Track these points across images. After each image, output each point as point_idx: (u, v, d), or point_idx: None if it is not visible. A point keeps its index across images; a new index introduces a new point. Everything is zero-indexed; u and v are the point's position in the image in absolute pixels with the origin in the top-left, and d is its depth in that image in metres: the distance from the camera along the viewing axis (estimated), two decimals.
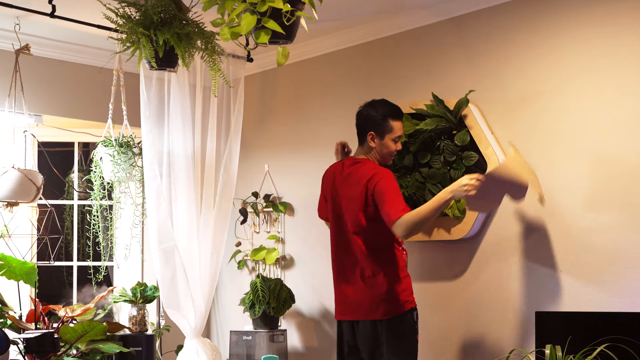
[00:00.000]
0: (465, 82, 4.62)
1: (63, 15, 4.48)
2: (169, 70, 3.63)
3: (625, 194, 4.04)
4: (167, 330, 5.34)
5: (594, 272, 4.11)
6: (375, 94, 5.06)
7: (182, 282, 4.98)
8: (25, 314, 4.89)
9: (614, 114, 4.11)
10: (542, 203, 4.19)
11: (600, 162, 4.13)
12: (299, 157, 5.44)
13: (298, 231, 5.44)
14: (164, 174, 4.96)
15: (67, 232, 5.85)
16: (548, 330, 4.04)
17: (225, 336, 5.64)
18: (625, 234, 4.02)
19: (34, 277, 4.62)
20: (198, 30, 3.55)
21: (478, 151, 4.44)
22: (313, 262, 5.34)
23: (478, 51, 4.63)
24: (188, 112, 5.02)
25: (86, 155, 5.79)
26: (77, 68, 5.27)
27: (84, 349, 4.73)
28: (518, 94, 4.45)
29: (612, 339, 3.68)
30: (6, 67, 4.74)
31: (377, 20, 4.96)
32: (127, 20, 3.48)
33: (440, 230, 4.53)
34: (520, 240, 4.39)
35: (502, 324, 4.42)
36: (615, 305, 4.00)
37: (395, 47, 4.99)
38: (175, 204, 5.00)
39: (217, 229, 5.12)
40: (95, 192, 4.76)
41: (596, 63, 4.18)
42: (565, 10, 4.31)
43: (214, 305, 5.76)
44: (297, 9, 3.10)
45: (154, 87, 4.94)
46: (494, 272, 4.47)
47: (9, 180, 4.46)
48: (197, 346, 5.01)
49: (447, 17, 4.75)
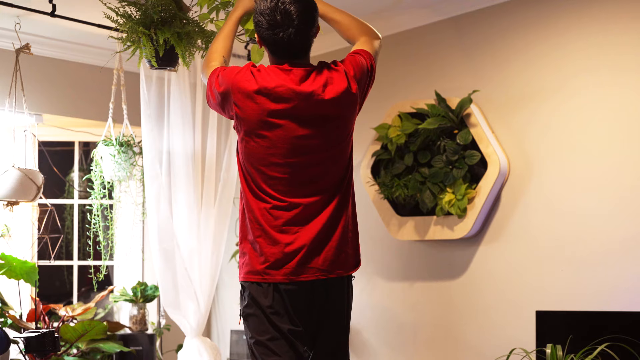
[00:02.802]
0: (465, 82, 4.62)
1: (63, 15, 4.48)
2: (170, 69, 3.62)
3: (628, 193, 4.04)
4: (167, 329, 5.34)
5: (595, 271, 4.11)
6: (375, 94, 5.06)
7: (183, 282, 4.98)
8: (25, 313, 4.90)
9: (615, 112, 4.11)
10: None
11: (602, 161, 4.13)
12: None
13: None
14: (164, 173, 4.96)
15: (67, 232, 5.85)
16: (549, 330, 4.04)
17: (226, 335, 5.64)
18: (627, 233, 4.02)
19: (34, 276, 4.62)
20: (198, 29, 3.55)
21: (479, 150, 4.44)
22: None
23: (478, 51, 4.63)
24: (188, 111, 5.03)
25: (86, 154, 5.80)
26: (78, 67, 5.27)
27: (84, 348, 4.74)
28: (518, 92, 4.44)
29: (613, 338, 3.68)
30: (6, 66, 4.74)
31: (377, 20, 4.95)
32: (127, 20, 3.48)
33: (443, 229, 4.53)
34: (521, 239, 4.39)
35: (503, 323, 4.42)
36: (616, 305, 4.00)
37: (395, 46, 4.99)
38: (175, 203, 5.00)
39: (218, 228, 5.12)
40: (96, 191, 4.76)
41: (596, 62, 4.18)
42: (565, 9, 4.31)
43: (214, 304, 5.76)
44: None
45: (155, 86, 4.94)
46: (494, 270, 4.47)
47: (10, 179, 4.46)
48: (197, 345, 5.01)
49: (447, 17, 4.75)
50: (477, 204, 4.40)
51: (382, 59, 5.09)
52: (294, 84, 2.75)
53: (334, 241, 2.81)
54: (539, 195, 4.32)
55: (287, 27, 2.73)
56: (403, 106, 4.75)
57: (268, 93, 2.74)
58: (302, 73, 2.77)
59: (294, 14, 2.73)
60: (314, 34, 2.83)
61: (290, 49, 2.78)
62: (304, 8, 2.75)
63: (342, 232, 2.83)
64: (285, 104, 2.74)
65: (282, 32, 2.74)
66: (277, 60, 2.81)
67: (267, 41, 2.79)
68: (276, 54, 2.80)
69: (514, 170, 4.42)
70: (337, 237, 2.82)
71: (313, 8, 2.80)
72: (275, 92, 2.74)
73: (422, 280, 4.73)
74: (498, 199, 4.46)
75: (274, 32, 2.74)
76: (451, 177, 4.48)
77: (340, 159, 2.85)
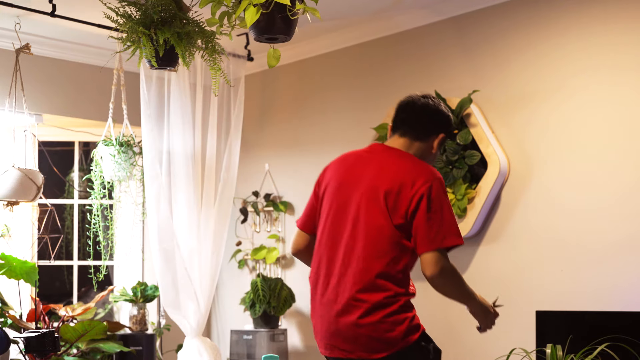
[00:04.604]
0: (465, 82, 4.62)
1: (63, 15, 4.48)
2: (170, 69, 3.62)
3: (628, 193, 4.04)
4: (167, 329, 5.34)
5: (595, 271, 4.10)
6: (376, 94, 5.07)
7: (183, 282, 4.98)
8: (25, 313, 4.90)
9: (615, 112, 4.11)
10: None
11: (602, 160, 4.13)
12: (300, 156, 5.44)
13: None
14: (164, 173, 4.96)
15: (67, 232, 5.85)
16: (548, 330, 4.04)
17: (226, 335, 5.64)
18: (626, 233, 4.02)
19: (34, 276, 4.63)
20: (198, 29, 3.55)
21: (479, 150, 4.45)
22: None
23: (478, 51, 4.63)
24: (188, 111, 5.03)
25: (86, 154, 5.80)
26: (78, 67, 5.27)
27: (84, 348, 4.74)
28: (518, 92, 4.44)
29: (613, 338, 3.68)
30: (7, 66, 4.74)
31: (377, 20, 4.96)
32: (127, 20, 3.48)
33: None
34: (521, 239, 4.39)
35: (503, 323, 4.41)
36: (616, 305, 4.00)
37: (395, 46, 4.99)
38: (175, 203, 5.00)
39: (218, 228, 5.12)
40: (96, 191, 4.76)
41: (596, 62, 4.18)
42: (565, 9, 4.30)
43: (214, 304, 5.76)
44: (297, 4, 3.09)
45: (155, 86, 4.94)
46: (494, 270, 4.47)
47: (10, 179, 4.46)
48: (197, 345, 5.01)
49: (447, 17, 4.75)
50: (477, 204, 4.40)
51: (382, 59, 5.10)
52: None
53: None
54: (539, 195, 4.32)
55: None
56: None
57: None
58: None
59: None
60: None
61: None
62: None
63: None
64: None
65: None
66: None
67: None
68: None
69: (514, 170, 4.42)
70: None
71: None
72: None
73: (422, 280, 4.72)
74: (498, 199, 4.46)
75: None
76: (451, 177, 4.48)
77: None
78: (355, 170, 3.12)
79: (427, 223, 2.96)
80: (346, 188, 3.10)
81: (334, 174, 3.19)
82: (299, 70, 5.47)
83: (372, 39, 5.09)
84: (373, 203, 3.01)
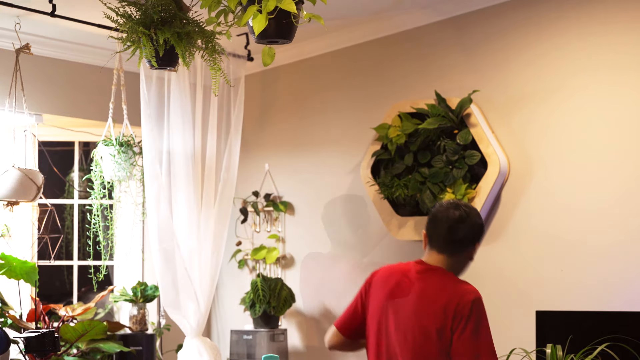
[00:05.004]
0: (465, 82, 4.62)
1: (63, 15, 4.48)
2: (170, 69, 3.62)
3: (628, 193, 4.04)
4: (167, 329, 5.34)
5: (595, 271, 4.10)
6: (376, 94, 5.07)
7: (183, 282, 4.98)
8: (25, 313, 4.90)
9: (615, 111, 4.11)
10: None
11: (602, 160, 4.13)
12: (300, 156, 5.44)
13: (298, 230, 5.44)
14: (164, 173, 4.96)
15: (67, 232, 5.85)
16: (548, 330, 4.03)
17: (226, 335, 5.64)
18: (627, 233, 4.02)
19: (34, 276, 4.63)
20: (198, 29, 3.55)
21: (479, 150, 4.44)
22: (313, 262, 5.34)
23: (478, 51, 4.63)
24: (188, 111, 5.03)
25: (86, 154, 5.79)
26: (78, 67, 5.27)
27: (84, 348, 4.74)
28: (518, 92, 4.44)
29: (613, 338, 3.68)
30: (7, 66, 4.74)
31: (377, 20, 4.96)
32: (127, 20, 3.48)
33: None
34: (521, 239, 4.39)
35: (502, 323, 4.41)
36: (616, 305, 4.00)
37: (395, 46, 4.99)
38: (175, 203, 5.00)
39: (218, 228, 5.12)
40: (96, 191, 4.76)
41: (596, 62, 4.18)
42: (565, 9, 4.31)
43: (214, 304, 5.76)
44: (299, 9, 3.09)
45: (155, 86, 4.94)
46: (494, 270, 4.47)
47: (10, 179, 4.46)
48: (197, 345, 5.01)
49: (447, 17, 4.75)
50: (477, 204, 4.40)
51: (382, 59, 5.09)
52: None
53: None
54: (539, 195, 4.32)
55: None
56: (403, 106, 4.75)
57: None
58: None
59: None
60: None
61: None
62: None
63: None
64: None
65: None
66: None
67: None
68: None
69: (514, 170, 4.42)
70: None
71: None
72: None
73: None
74: (498, 199, 4.46)
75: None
76: (451, 177, 4.48)
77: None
78: (400, 291, 3.25)
79: (466, 344, 3.15)
80: (393, 313, 3.23)
81: (379, 290, 3.30)
82: (299, 70, 5.47)
83: (372, 39, 5.09)
84: (420, 332, 3.15)
